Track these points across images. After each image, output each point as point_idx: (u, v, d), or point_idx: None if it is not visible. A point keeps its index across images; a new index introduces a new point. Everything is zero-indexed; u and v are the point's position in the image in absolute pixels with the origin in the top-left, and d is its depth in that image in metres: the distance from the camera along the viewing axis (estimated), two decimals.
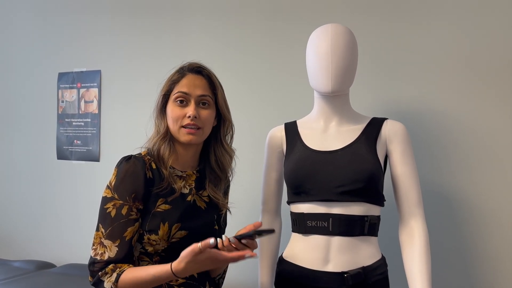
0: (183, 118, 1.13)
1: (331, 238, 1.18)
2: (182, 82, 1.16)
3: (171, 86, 1.17)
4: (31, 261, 2.25)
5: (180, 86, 1.15)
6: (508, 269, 1.48)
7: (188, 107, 1.14)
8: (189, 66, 1.20)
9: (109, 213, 1.06)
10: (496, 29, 1.51)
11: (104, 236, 1.06)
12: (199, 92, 1.15)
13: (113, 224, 1.06)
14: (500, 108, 1.50)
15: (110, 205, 1.07)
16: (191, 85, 1.15)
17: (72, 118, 2.37)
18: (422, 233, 1.18)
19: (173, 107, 1.15)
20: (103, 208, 1.08)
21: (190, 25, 2.04)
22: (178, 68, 1.20)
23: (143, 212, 1.10)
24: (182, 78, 1.16)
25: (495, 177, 1.50)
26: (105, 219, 1.07)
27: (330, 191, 1.18)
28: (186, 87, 1.15)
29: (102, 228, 1.07)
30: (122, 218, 1.06)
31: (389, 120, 1.28)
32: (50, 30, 2.44)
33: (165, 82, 1.19)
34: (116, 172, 1.10)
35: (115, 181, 1.09)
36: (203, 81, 1.18)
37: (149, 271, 1.02)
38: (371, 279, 1.17)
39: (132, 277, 1.02)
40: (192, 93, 1.15)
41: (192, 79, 1.16)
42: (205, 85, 1.18)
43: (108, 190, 1.09)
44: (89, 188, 2.29)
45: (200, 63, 1.21)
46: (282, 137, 1.35)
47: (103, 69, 2.27)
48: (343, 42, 1.23)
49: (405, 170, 1.22)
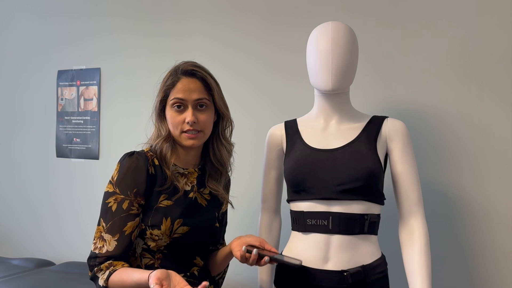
0: (182, 123, 1.14)
1: (331, 237, 1.18)
2: (177, 88, 1.14)
3: (167, 91, 1.16)
4: (30, 259, 2.25)
5: (175, 92, 1.14)
6: (509, 267, 1.48)
7: (186, 112, 1.13)
8: (182, 68, 1.16)
9: (110, 208, 1.07)
10: (496, 26, 1.51)
11: (104, 230, 1.07)
12: (195, 96, 1.14)
13: (114, 218, 1.07)
14: (499, 105, 1.50)
15: (112, 199, 1.08)
16: (186, 90, 1.13)
17: (72, 116, 2.37)
18: (422, 231, 1.18)
19: (171, 113, 1.15)
20: (104, 202, 1.09)
21: (189, 23, 2.04)
22: (172, 70, 1.18)
23: (145, 207, 1.10)
24: (176, 83, 1.14)
25: (496, 175, 1.50)
26: (106, 213, 1.08)
27: (330, 190, 1.18)
28: (181, 93, 1.13)
29: (103, 222, 1.08)
30: (122, 212, 1.07)
31: (389, 118, 1.27)
32: (49, 28, 2.43)
33: (160, 86, 1.18)
34: (119, 167, 1.11)
35: (117, 176, 1.10)
36: (198, 83, 1.15)
37: (133, 275, 1.00)
38: (371, 278, 1.17)
39: (118, 279, 1.02)
40: (188, 98, 1.13)
41: (187, 83, 1.14)
42: (201, 88, 1.16)
43: (110, 185, 1.10)
44: (89, 186, 2.29)
45: (194, 63, 1.18)
46: (282, 135, 1.35)
47: (103, 67, 2.27)
48: (344, 40, 1.23)
49: (405, 168, 1.22)
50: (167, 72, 1.19)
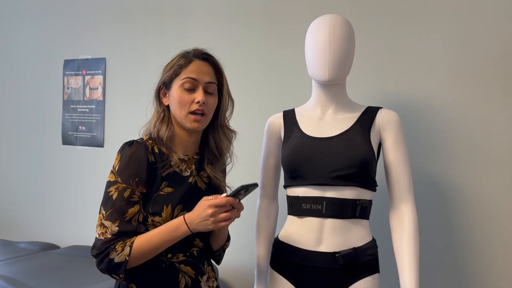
0: (191, 103, 1.14)
1: (324, 220, 1.23)
2: (190, 68, 1.15)
3: (178, 70, 1.16)
4: (36, 242, 2.32)
5: (188, 71, 1.15)
6: (496, 253, 1.53)
7: (196, 93, 1.15)
8: (195, 52, 1.19)
9: (111, 196, 1.08)
10: (493, 22, 1.54)
11: (104, 217, 1.08)
12: (207, 79, 1.16)
13: (114, 206, 1.07)
14: (490, 97, 1.54)
15: (113, 188, 1.09)
16: (199, 71, 1.15)
17: (77, 105, 2.42)
18: (411, 217, 1.23)
19: (180, 92, 1.15)
20: (106, 191, 1.10)
21: (194, 13, 2.08)
22: (183, 53, 1.19)
23: (146, 195, 1.12)
24: (189, 64, 1.16)
25: (486, 166, 1.54)
26: (107, 201, 1.09)
27: (325, 176, 1.23)
28: (194, 73, 1.15)
29: (103, 210, 1.09)
30: (123, 200, 1.08)
31: (383, 109, 1.31)
32: (56, 18, 2.48)
33: (169, 66, 1.19)
34: (119, 157, 1.12)
35: (118, 166, 1.11)
36: (209, 68, 1.18)
37: (159, 229, 1.07)
38: (362, 259, 1.22)
39: (144, 238, 1.06)
40: (201, 80, 1.15)
41: (200, 65, 1.17)
42: (212, 73, 1.19)
43: (112, 175, 1.11)
44: (93, 173, 2.35)
45: (206, 50, 1.21)
46: (280, 124, 1.39)
47: (108, 57, 2.32)
48: (341, 32, 1.27)
49: (397, 157, 1.26)
50: (176, 56, 1.20)
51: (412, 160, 1.36)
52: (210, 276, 1.22)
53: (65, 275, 1.82)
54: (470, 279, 1.55)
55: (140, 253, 1.06)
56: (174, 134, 1.19)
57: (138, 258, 1.07)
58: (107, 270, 1.06)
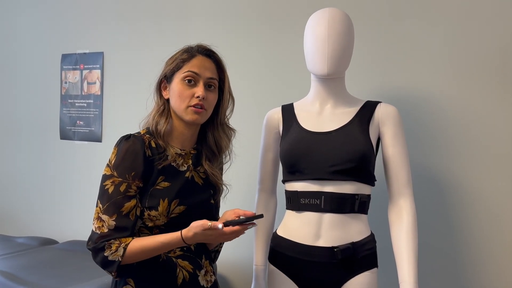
0: (191, 98, 1.15)
1: (323, 215, 1.23)
2: (193, 62, 1.16)
3: (180, 64, 1.17)
4: (34, 237, 2.32)
5: (190, 65, 1.16)
6: (494, 249, 1.53)
7: (197, 88, 1.15)
8: (198, 47, 1.20)
9: (107, 190, 1.09)
10: (494, 17, 1.53)
11: (101, 211, 1.08)
12: (209, 75, 1.17)
13: (110, 200, 1.08)
14: (491, 94, 1.53)
15: (109, 182, 1.09)
16: (201, 66, 1.16)
17: (75, 99, 2.41)
18: (410, 211, 1.23)
19: (181, 85, 1.15)
20: (102, 185, 1.11)
21: (192, 8, 2.06)
22: (186, 48, 1.20)
23: (143, 189, 1.12)
24: (192, 58, 1.17)
25: (484, 161, 1.54)
26: (103, 195, 1.09)
27: (323, 170, 1.23)
28: (196, 68, 1.16)
29: (100, 204, 1.09)
30: (119, 194, 1.08)
31: (382, 103, 1.31)
32: (53, 12, 2.46)
33: (172, 59, 1.19)
34: (116, 151, 1.12)
35: (115, 159, 1.11)
36: (212, 64, 1.19)
37: (157, 239, 1.07)
38: (360, 254, 1.22)
39: (139, 245, 1.06)
40: (202, 75, 1.16)
41: (202, 60, 1.17)
42: (214, 69, 1.20)
43: (108, 168, 1.11)
44: (91, 168, 2.34)
45: (210, 46, 1.22)
46: (279, 119, 1.39)
47: (106, 51, 2.30)
48: (340, 26, 1.26)
49: (396, 152, 1.26)
50: (179, 50, 1.20)
51: (411, 155, 1.36)
52: (208, 270, 1.22)
53: (63, 270, 1.83)
54: (469, 273, 1.55)
55: (132, 257, 1.08)
56: (173, 127, 1.19)
57: (132, 259, 1.08)
58: (101, 264, 1.08)
